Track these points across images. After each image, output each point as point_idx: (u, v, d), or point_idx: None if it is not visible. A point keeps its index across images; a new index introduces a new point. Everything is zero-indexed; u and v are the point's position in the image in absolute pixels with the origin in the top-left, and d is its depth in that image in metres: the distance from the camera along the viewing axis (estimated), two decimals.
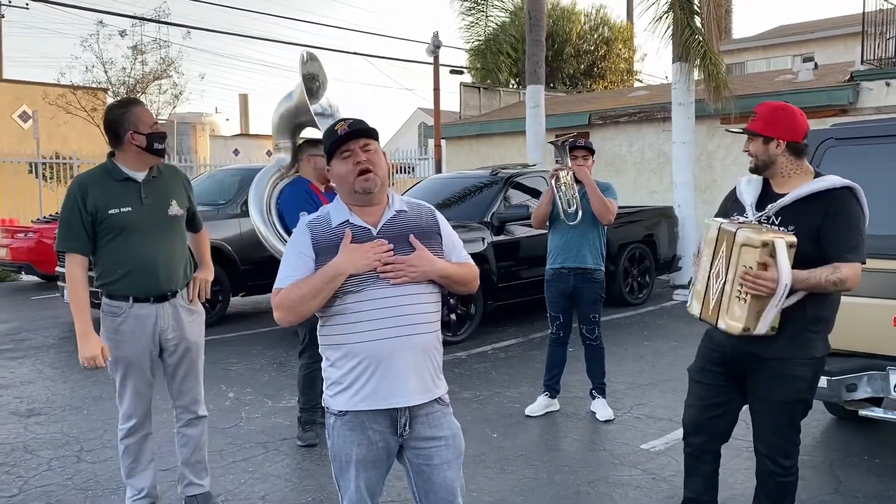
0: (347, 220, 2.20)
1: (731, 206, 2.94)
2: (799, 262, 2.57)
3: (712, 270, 2.73)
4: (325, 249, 2.16)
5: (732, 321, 2.63)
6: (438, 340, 2.28)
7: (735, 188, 2.95)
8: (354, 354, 2.15)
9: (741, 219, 2.76)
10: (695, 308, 2.85)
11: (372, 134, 2.22)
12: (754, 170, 2.83)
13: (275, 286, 2.21)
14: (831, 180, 2.68)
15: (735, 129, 2.98)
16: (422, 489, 2.26)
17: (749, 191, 2.84)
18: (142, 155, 3.18)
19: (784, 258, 2.52)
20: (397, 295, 2.15)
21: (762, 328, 2.59)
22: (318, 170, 4.33)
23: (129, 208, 3.12)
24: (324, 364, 2.26)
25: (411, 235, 2.20)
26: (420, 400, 2.20)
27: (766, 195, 2.79)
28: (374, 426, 2.18)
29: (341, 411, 2.19)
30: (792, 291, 2.58)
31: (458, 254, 2.34)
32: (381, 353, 2.14)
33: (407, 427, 2.20)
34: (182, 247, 3.32)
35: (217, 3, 25.21)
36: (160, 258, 3.19)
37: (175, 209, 3.26)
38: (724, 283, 2.66)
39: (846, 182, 2.67)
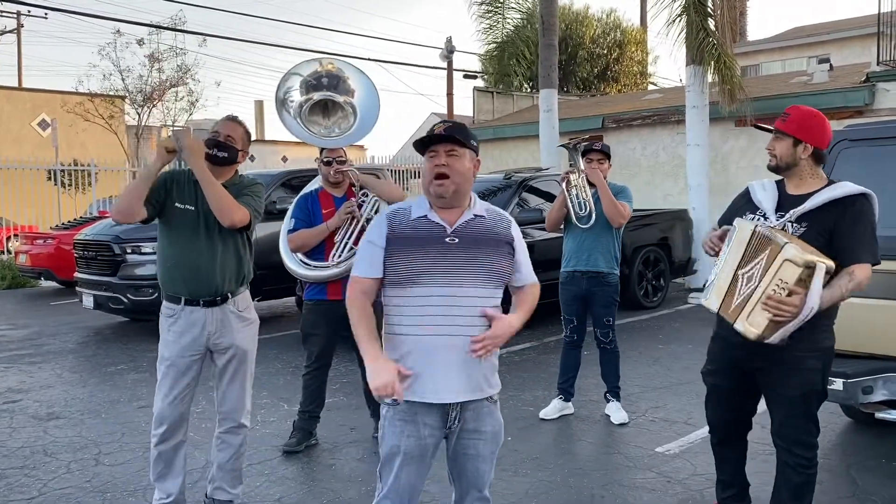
0: (426, 216, 2.29)
1: (743, 205, 2.99)
2: None
3: (742, 271, 2.73)
4: (398, 239, 2.26)
5: (751, 326, 2.68)
6: None
7: (747, 190, 3.02)
8: (404, 346, 2.24)
9: (766, 222, 2.81)
10: (713, 303, 2.84)
11: (460, 140, 2.25)
12: (774, 168, 2.90)
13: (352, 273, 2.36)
14: (849, 187, 2.77)
15: (765, 127, 3.02)
16: (455, 472, 2.40)
17: (767, 196, 2.90)
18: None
19: (819, 283, 2.56)
20: (454, 295, 2.22)
21: (776, 339, 2.67)
22: (323, 175, 4.40)
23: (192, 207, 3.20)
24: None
25: (487, 310, 2.25)
26: (466, 398, 2.27)
27: (783, 198, 2.87)
28: (426, 420, 2.26)
29: (396, 399, 2.24)
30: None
31: (524, 271, 2.41)
32: (427, 348, 2.22)
33: (457, 421, 2.29)
34: (236, 252, 3.30)
35: (232, 11, 25.43)
36: (209, 260, 3.20)
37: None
38: (756, 289, 2.66)
39: (862, 189, 2.77)
